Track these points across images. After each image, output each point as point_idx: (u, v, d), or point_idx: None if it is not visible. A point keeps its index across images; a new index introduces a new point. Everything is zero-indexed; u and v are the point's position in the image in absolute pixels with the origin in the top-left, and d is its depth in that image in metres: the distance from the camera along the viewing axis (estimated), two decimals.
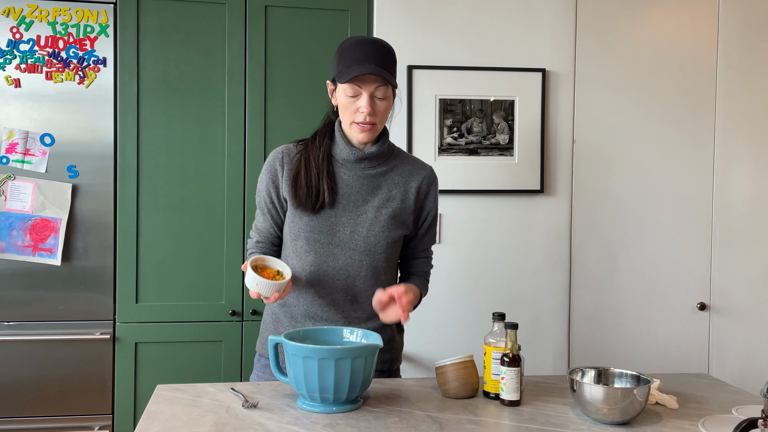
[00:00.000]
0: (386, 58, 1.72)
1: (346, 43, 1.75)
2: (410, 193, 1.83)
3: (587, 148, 2.79)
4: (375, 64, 1.69)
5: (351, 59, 1.70)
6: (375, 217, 1.78)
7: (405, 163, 1.86)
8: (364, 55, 1.69)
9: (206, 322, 2.67)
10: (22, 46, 2.56)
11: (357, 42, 1.73)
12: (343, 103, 1.75)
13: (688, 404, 1.66)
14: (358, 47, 1.71)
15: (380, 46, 1.73)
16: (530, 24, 2.74)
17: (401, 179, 1.83)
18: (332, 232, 1.77)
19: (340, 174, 1.79)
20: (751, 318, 2.86)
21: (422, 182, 1.85)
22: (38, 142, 2.59)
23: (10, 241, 2.56)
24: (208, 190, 2.68)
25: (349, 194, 1.79)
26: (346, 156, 1.79)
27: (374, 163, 1.81)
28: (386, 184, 1.81)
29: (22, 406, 2.58)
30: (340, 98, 1.75)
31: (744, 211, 2.85)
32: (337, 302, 1.80)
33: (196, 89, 2.66)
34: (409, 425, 1.46)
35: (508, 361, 1.60)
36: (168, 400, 1.60)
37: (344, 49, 1.73)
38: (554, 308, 2.77)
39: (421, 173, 1.86)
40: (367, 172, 1.80)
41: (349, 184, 1.79)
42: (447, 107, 2.69)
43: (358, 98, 1.72)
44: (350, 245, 1.77)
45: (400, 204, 1.82)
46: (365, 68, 1.67)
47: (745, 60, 2.84)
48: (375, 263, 1.79)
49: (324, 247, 1.77)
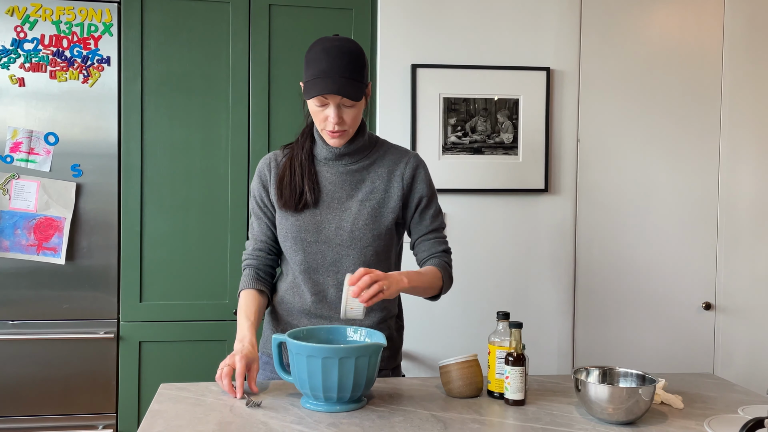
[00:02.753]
0: (352, 65, 1.69)
1: (313, 49, 1.71)
2: (394, 182, 1.83)
3: (592, 147, 2.78)
4: (340, 74, 1.66)
5: (316, 70, 1.67)
6: (359, 210, 1.79)
7: (388, 153, 1.86)
8: (328, 66, 1.66)
9: (210, 321, 2.68)
10: (26, 45, 2.57)
11: (322, 50, 1.69)
12: (312, 111, 1.75)
13: (694, 404, 1.65)
14: (323, 56, 1.67)
15: (345, 53, 1.69)
16: (535, 22, 2.74)
17: (384, 170, 1.83)
18: (318, 229, 1.78)
19: (323, 172, 1.82)
20: (756, 317, 2.85)
21: (405, 169, 1.84)
22: (42, 141, 2.59)
23: (15, 240, 2.56)
24: (212, 189, 2.68)
25: (332, 191, 1.80)
26: (326, 155, 1.81)
27: (355, 158, 1.82)
28: (369, 178, 1.82)
29: (26, 404, 2.59)
30: (310, 105, 1.75)
31: (749, 210, 2.84)
32: (331, 298, 1.80)
33: (200, 88, 2.66)
34: (413, 424, 1.46)
35: (512, 360, 1.59)
36: (172, 399, 1.60)
37: (310, 58, 1.70)
38: (559, 307, 2.77)
39: (403, 160, 1.85)
40: (348, 167, 1.82)
41: (332, 181, 1.81)
42: (451, 106, 2.68)
43: (325, 107, 1.71)
44: (336, 241, 1.78)
45: (383, 194, 1.82)
46: (328, 86, 1.66)
47: (750, 59, 2.83)
48: (363, 257, 1.79)
49: (311, 245, 1.78)
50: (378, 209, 1.80)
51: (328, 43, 1.71)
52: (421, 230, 1.88)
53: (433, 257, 1.86)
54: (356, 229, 1.78)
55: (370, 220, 1.79)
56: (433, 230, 1.89)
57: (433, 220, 1.89)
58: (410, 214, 1.87)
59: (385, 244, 1.83)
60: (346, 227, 1.78)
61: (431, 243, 1.88)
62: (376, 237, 1.80)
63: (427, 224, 1.88)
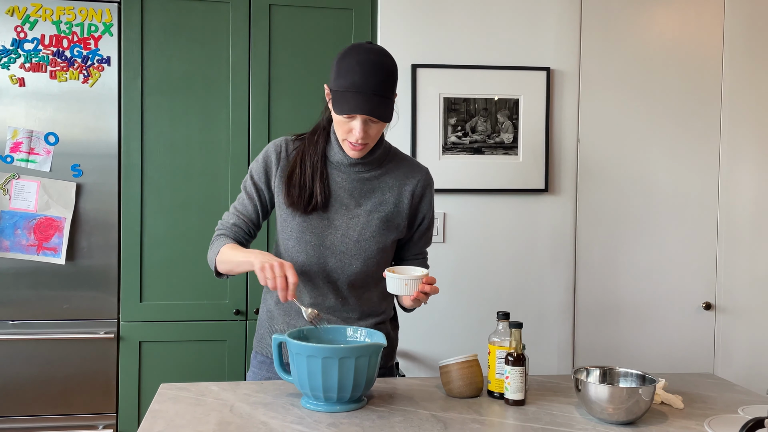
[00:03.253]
0: (386, 82, 1.63)
1: (346, 58, 1.64)
2: (404, 197, 1.81)
3: (592, 147, 2.78)
4: (373, 92, 1.60)
5: (348, 82, 1.61)
6: (367, 221, 1.77)
7: (400, 165, 1.83)
8: (362, 81, 1.60)
9: (210, 321, 2.68)
10: (26, 45, 2.57)
11: (357, 62, 1.61)
12: (336, 119, 1.68)
13: (694, 404, 1.65)
14: (357, 69, 1.60)
15: (381, 68, 1.62)
16: (535, 22, 2.73)
17: (395, 182, 1.81)
18: (323, 234, 1.76)
19: (334, 176, 1.78)
20: (756, 318, 2.85)
21: (417, 185, 1.82)
22: (42, 141, 2.59)
23: (15, 240, 2.56)
24: (212, 188, 2.68)
25: (341, 197, 1.77)
26: (339, 159, 1.77)
27: (368, 167, 1.79)
28: (380, 188, 1.79)
29: (26, 405, 2.59)
30: (334, 112, 1.67)
31: (749, 210, 2.84)
32: (328, 303, 1.80)
33: (200, 88, 2.66)
34: (413, 424, 1.46)
35: (512, 360, 1.59)
36: (172, 398, 1.60)
37: (343, 67, 1.63)
38: (559, 307, 2.77)
39: (416, 176, 1.83)
40: (360, 175, 1.78)
41: (343, 186, 1.77)
42: (451, 106, 2.68)
43: (351, 120, 1.65)
44: (341, 248, 1.76)
45: (393, 208, 1.80)
46: (360, 105, 1.60)
47: (750, 59, 2.83)
48: (366, 268, 1.78)
49: (315, 248, 1.76)
50: (386, 222, 1.79)
51: (363, 54, 1.63)
52: (414, 250, 1.90)
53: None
54: (362, 240, 1.77)
55: (378, 232, 1.78)
56: (422, 252, 1.93)
57: (427, 242, 1.92)
58: (410, 231, 1.87)
59: (387, 256, 1.83)
60: (352, 236, 1.76)
61: (420, 262, 1.91)
62: (381, 250, 1.79)
63: (421, 245, 1.91)
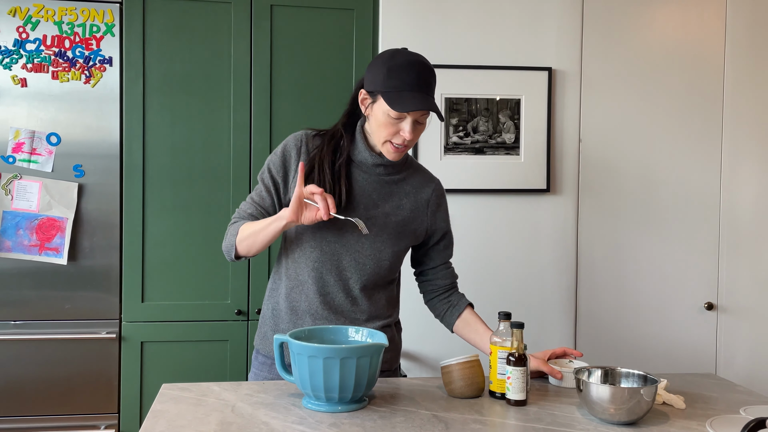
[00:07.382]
0: (433, 82, 1.70)
1: (395, 60, 1.67)
2: (420, 205, 1.85)
3: (594, 147, 2.78)
4: (426, 92, 1.66)
5: (402, 83, 1.64)
6: (384, 223, 1.79)
7: (416, 173, 1.88)
8: (415, 81, 1.65)
9: (212, 322, 2.68)
10: (28, 46, 2.57)
11: (407, 63, 1.66)
12: (381, 121, 1.69)
13: (696, 404, 1.65)
14: (410, 70, 1.65)
15: (428, 70, 1.69)
16: (536, 22, 2.73)
17: (412, 189, 1.84)
18: (340, 232, 1.77)
19: (355, 175, 1.79)
20: (758, 318, 2.85)
21: (432, 195, 1.87)
22: (44, 142, 2.59)
23: (17, 241, 2.57)
24: (214, 189, 2.68)
25: (361, 197, 1.78)
26: (363, 159, 1.78)
27: (390, 170, 1.81)
28: (398, 193, 1.82)
29: (28, 405, 2.59)
30: (379, 115, 1.68)
31: (752, 210, 2.84)
32: (338, 302, 1.80)
33: (202, 88, 2.66)
34: (414, 425, 1.46)
35: (514, 360, 1.59)
36: (173, 399, 1.60)
37: (393, 68, 1.66)
38: (560, 307, 2.76)
39: (430, 186, 1.88)
40: (381, 177, 1.80)
41: (363, 187, 1.79)
42: (453, 106, 2.68)
43: (401, 121, 1.67)
44: (356, 247, 1.77)
45: (410, 214, 1.83)
46: (420, 102, 1.64)
47: (752, 59, 2.83)
48: (378, 269, 1.80)
49: (330, 245, 1.77)
50: (402, 227, 1.81)
51: (412, 56, 1.69)
52: (438, 261, 1.94)
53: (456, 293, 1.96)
54: (379, 242, 1.78)
55: (393, 236, 1.80)
56: (448, 261, 1.96)
57: (450, 252, 1.96)
58: (431, 244, 1.91)
59: (399, 260, 1.86)
60: (368, 236, 1.77)
61: (449, 272, 1.95)
62: (395, 254, 1.82)
63: (445, 256, 1.94)
